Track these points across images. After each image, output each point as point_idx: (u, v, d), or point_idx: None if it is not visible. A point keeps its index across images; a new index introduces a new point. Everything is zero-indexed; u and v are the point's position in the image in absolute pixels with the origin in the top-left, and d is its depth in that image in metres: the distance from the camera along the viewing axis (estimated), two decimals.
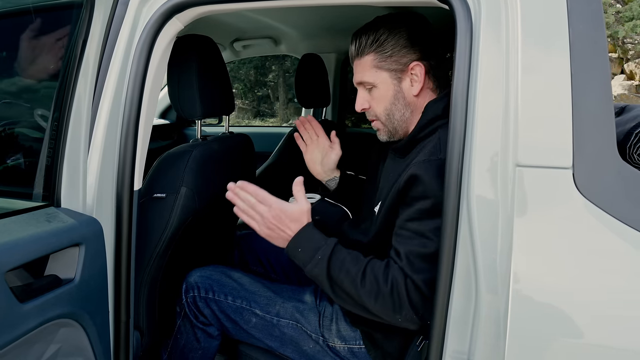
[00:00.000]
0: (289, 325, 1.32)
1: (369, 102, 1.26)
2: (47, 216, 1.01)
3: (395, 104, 1.22)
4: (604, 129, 0.87)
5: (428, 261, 1.03)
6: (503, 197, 0.89)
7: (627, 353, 0.85)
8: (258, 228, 1.15)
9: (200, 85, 1.41)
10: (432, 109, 1.18)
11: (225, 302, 1.38)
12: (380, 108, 1.24)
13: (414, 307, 1.04)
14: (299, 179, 1.19)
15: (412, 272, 1.03)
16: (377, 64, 1.20)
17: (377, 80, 1.21)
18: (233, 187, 1.17)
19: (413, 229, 1.06)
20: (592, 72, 0.87)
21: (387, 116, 1.24)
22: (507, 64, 0.90)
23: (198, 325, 1.42)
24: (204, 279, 1.41)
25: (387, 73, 1.20)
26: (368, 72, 1.22)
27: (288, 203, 1.16)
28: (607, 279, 0.86)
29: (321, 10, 2.17)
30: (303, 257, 1.11)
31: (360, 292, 1.05)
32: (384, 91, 1.22)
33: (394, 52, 1.19)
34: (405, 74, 1.21)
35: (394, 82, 1.21)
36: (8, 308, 0.85)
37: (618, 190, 0.87)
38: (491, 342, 0.91)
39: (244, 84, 10.50)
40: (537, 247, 0.88)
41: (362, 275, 1.06)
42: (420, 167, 1.06)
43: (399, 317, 1.05)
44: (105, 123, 1.12)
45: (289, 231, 1.13)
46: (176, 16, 1.16)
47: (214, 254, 1.77)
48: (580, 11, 0.88)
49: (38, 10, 1.12)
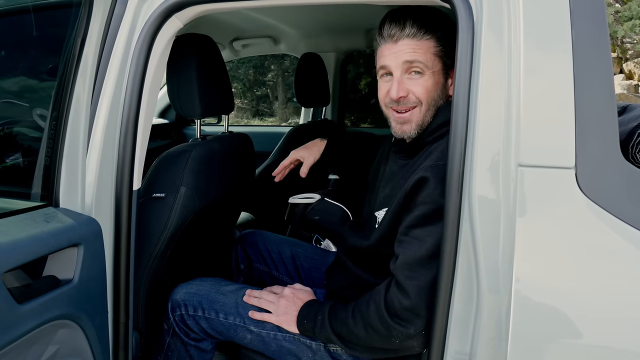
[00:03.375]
0: (286, 339, 1.28)
1: (410, 89, 1.17)
2: (45, 216, 1.01)
3: (439, 97, 1.18)
4: (606, 129, 0.86)
5: (424, 266, 1.03)
6: (505, 197, 0.89)
7: (629, 355, 0.85)
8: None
9: (200, 85, 1.41)
10: (443, 113, 1.15)
11: (217, 320, 1.32)
12: (426, 96, 1.16)
13: (397, 319, 1.06)
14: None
15: (404, 279, 1.05)
16: (437, 52, 1.15)
17: (435, 67, 1.16)
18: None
19: (414, 235, 1.06)
20: (595, 71, 0.86)
21: (428, 106, 1.17)
22: (509, 64, 0.90)
23: (190, 343, 1.37)
24: (191, 296, 1.35)
25: (442, 65, 1.17)
26: (427, 56, 1.15)
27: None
28: (609, 279, 0.86)
29: (321, 10, 2.16)
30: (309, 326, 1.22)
31: (356, 331, 1.12)
32: (436, 81, 1.16)
33: (451, 48, 1.11)
34: (451, 73, 1.18)
35: (443, 77, 1.18)
36: (6, 309, 0.84)
37: (621, 190, 0.87)
38: (493, 342, 0.91)
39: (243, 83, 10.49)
40: (539, 247, 0.87)
41: (351, 315, 1.14)
42: (428, 171, 1.05)
43: (395, 340, 1.07)
44: (104, 122, 1.11)
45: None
46: (175, 15, 1.15)
47: (213, 254, 1.76)
48: (583, 10, 0.87)
49: (36, 9, 1.11)
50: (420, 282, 1.03)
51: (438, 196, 1.02)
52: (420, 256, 1.04)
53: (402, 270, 1.06)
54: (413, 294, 1.03)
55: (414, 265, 1.05)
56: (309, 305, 1.25)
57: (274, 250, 1.70)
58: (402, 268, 1.06)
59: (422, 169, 1.08)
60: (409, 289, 1.04)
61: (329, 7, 2.09)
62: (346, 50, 3.08)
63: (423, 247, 1.04)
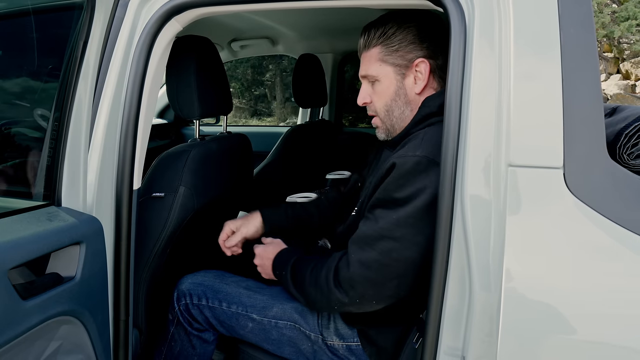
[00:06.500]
0: (287, 327, 1.32)
1: (371, 96, 1.25)
2: (48, 215, 1.03)
3: (395, 100, 1.21)
4: (593, 130, 0.88)
5: (369, 244, 1.08)
6: (496, 196, 0.91)
7: (616, 349, 0.87)
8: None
9: (199, 86, 1.43)
10: (428, 105, 1.18)
11: (220, 309, 1.37)
12: (381, 103, 1.23)
13: (338, 286, 1.11)
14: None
15: (350, 251, 1.11)
16: (382, 58, 1.19)
17: (380, 74, 1.20)
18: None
19: (373, 214, 1.11)
20: (583, 74, 0.89)
21: (386, 112, 1.23)
22: (500, 66, 0.92)
23: (193, 333, 1.41)
24: (196, 286, 1.40)
25: (392, 68, 1.20)
26: (373, 65, 1.21)
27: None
28: (597, 276, 0.88)
29: (318, 12, 2.18)
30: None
31: (308, 290, 1.18)
32: (386, 86, 1.21)
33: (400, 47, 1.18)
34: (410, 71, 1.19)
35: (397, 78, 1.20)
36: (11, 305, 0.86)
37: (608, 189, 0.89)
38: (485, 338, 0.93)
39: (241, 83, 10.49)
40: (529, 245, 0.90)
41: (309, 274, 1.19)
42: (399, 159, 1.09)
43: (334, 306, 1.14)
44: (105, 123, 1.13)
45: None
46: (175, 18, 1.17)
47: (212, 253, 1.78)
48: (571, 14, 0.90)
49: (40, 12, 1.13)
50: (363, 257, 1.08)
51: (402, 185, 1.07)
52: (369, 234, 1.09)
53: (352, 243, 1.13)
54: (353, 266, 1.09)
55: (362, 241, 1.10)
56: (278, 257, 1.31)
57: None
58: (352, 241, 1.13)
59: (395, 156, 1.12)
60: (352, 261, 1.10)
61: (326, 9, 2.10)
62: (343, 52, 3.10)
63: (375, 226, 1.09)
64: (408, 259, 1.06)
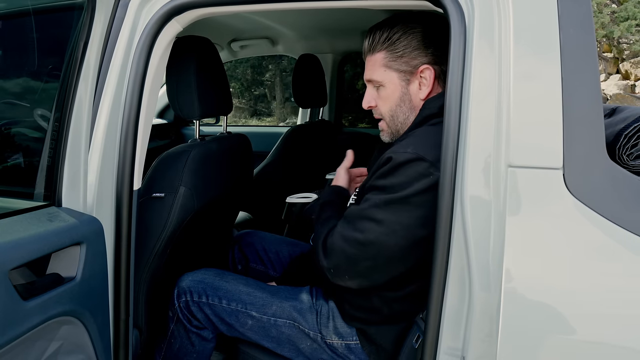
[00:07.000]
0: (286, 325, 1.32)
1: (376, 100, 1.26)
2: (48, 216, 1.03)
3: (400, 105, 1.22)
4: (593, 131, 0.89)
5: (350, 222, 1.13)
6: (495, 197, 0.92)
7: (616, 349, 0.87)
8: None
9: (199, 86, 1.43)
10: (428, 107, 1.18)
11: (219, 306, 1.38)
12: (386, 108, 1.24)
13: (323, 248, 1.15)
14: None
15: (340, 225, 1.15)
16: (386, 63, 1.20)
17: (385, 80, 1.21)
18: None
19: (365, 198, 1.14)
20: (582, 74, 0.89)
21: (391, 117, 1.24)
22: (499, 67, 0.92)
23: (192, 330, 1.41)
24: (196, 283, 1.41)
25: (396, 73, 1.20)
26: (377, 70, 1.21)
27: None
28: (596, 276, 0.89)
29: (318, 12, 2.18)
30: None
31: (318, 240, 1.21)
32: (391, 91, 1.21)
33: (405, 53, 1.18)
34: (414, 77, 1.20)
35: (402, 84, 1.21)
36: (12, 306, 0.86)
37: (607, 190, 0.89)
38: (485, 338, 0.93)
39: (241, 83, 10.49)
40: (529, 246, 0.90)
41: (324, 225, 1.22)
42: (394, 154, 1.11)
43: (318, 256, 1.17)
44: (106, 123, 1.13)
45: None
46: (175, 18, 1.17)
47: (212, 253, 1.79)
48: (571, 14, 0.90)
49: (41, 12, 1.13)
50: (344, 232, 1.12)
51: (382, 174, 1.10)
52: (355, 213, 1.13)
53: (342, 218, 1.17)
54: (336, 237, 1.14)
55: (348, 217, 1.15)
56: (329, 193, 1.35)
57: (271, 250, 1.73)
58: (343, 217, 1.18)
59: (389, 151, 1.13)
60: (336, 232, 1.15)
61: (326, 10, 2.11)
62: (343, 52, 3.10)
63: (361, 207, 1.13)
64: (384, 244, 1.08)
